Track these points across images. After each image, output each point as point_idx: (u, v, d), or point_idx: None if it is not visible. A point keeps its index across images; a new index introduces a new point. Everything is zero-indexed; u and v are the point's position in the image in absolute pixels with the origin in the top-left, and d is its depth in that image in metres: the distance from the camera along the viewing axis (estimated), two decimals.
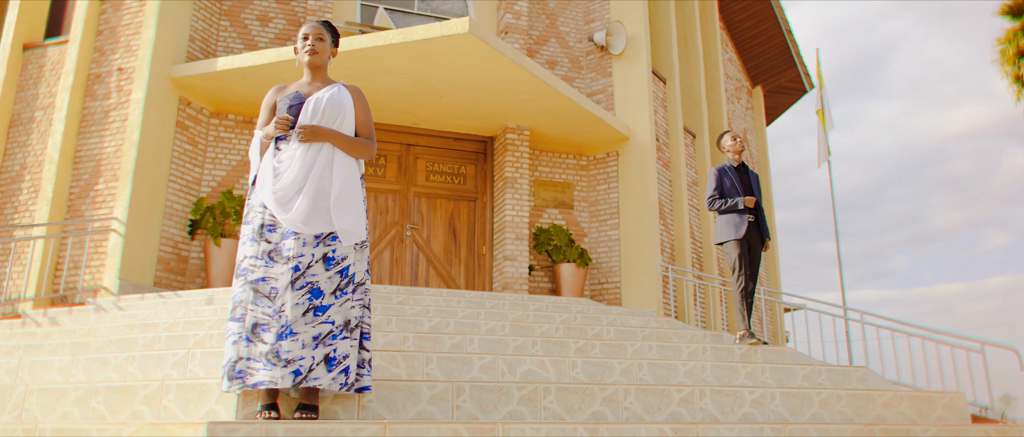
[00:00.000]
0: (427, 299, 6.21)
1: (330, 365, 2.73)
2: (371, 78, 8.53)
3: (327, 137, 2.94)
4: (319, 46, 3.13)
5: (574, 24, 11.09)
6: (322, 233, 2.85)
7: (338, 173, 2.91)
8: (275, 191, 2.88)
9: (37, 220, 8.32)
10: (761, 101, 15.87)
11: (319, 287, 2.81)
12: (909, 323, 8.66)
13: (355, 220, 2.90)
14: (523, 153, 9.79)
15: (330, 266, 2.83)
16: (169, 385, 3.03)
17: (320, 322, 2.75)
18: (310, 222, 2.83)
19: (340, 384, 2.75)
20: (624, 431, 2.71)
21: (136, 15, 8.86)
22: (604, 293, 10.04)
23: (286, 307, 2.77)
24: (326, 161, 2.92)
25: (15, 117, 9.11)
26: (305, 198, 2.84)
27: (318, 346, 2.76)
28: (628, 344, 4.79)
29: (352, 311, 2.83)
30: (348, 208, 2.88)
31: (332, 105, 3.02)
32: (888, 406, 3.74)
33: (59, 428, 2.61)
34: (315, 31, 3.15)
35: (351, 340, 2.81)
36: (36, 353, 4.72)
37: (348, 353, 2.78)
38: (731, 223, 5.93)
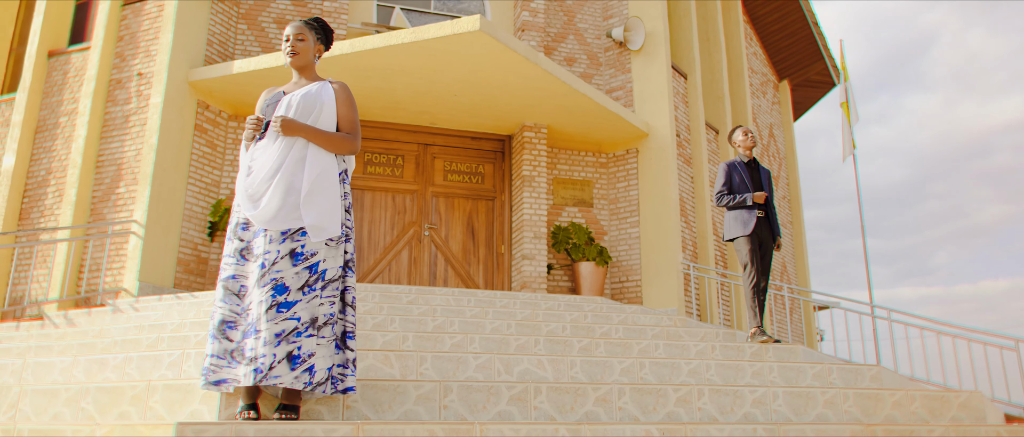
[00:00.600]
0: (437, 299, 6.17)
1: (293, 363, 2.68)
2: (386, 78, 8.53)
3: (300, 131, 2.90)
4: (300, 46, 3.08)
5: (592, 20, 10.99)
6: (290, 229, 2.80)
7: (311, 168, 2.86)
8: (246, 188, 2.86)
9: (61, 223, 8.46)
10: (788, 95, 15.59)
11: (284, 283, 2.76)
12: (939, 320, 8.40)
13: (327, 216, 2.83)
14: (540, 151, 9.72)
15: (298, 262, 2.78)
16: (155, 386, 3.02)
17: (284, 318, 2.70)
18: (279, 218, 2.79)
19: (304, 383, 2.69)
20: (608, 431, 2.63)
21: (155, 20, 8.97)
22: (625, 292, 9.92)
23: (252, 304, 2.75)
24: (298, 157, 2.88)
25: (41, 123, 9.28)
26: (274, 194, 2.80)
27: (280, 343, 2.70)
28: (634, 343, 4.70)
29: (321, 308, 2.78)
30: (320, 204, 2.83)
31: (306, 101, 2.98)
32: (899, 406, 3.60)
33: (37, 429, 2.60)
34: (296, 32, 3.09)
35: (318, 338, 2.74)
36: (45, 354, 4.77)
37: (314, 352, 2.72)
38: (740, 219, 5.79)
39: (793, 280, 14.26)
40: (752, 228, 5.69)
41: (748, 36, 14.25)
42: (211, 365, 2.78)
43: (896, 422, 3.50)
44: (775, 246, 5.89)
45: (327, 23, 3.20)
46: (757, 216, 5.75)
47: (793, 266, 14.41)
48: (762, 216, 5.81)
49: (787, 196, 14.81)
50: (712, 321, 10.05)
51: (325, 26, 3.18)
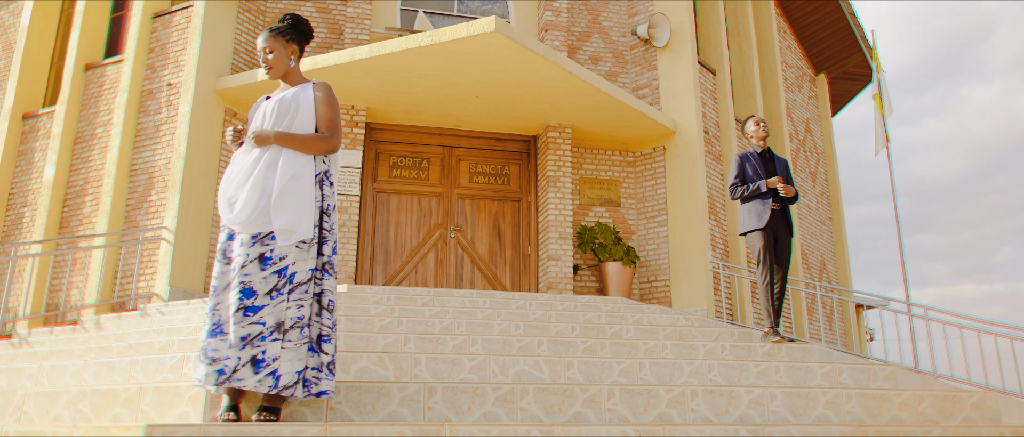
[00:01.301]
0: (453, 301, 6.18)
1: (257, 367, 2.70)
2: (406, 81, 8.59)
3: (272, 139, 2.93)
4: (270, 59, 3.11)
5: (617, 18, 10.90)
6: (260, 232, 2.83)
7: (283, 172, 2.89)
8: (223, 191, 2.91)
9: (97, 231, 8.71)
10: (825, 89, 15.23)
11: (252, 287, 2.78)
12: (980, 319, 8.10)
13: (297, 219, 2.84)
14: (565, 151, 9.67)
15: (266, 266, 2.80)
16: (146, 389, 3.08)
17: (249, 322, 2.73)
18: (251, 222, 2.82)
19: (268, 386, 2.71)
20: (583, 432, 2.59)
21: (183, 31, 9.18)
22: (653, 291, 9.81)
23: (220, 305, 2.79)
24: (269, 161, 2.91)
25: (79, 134, 9.57)
26: (249, 198, 2.84)
27: (245, 347, 2.73)
28: (642, 343, 4.63)
29: (288, 312, 2.79)
30: (290, 207, 2.84)
31: (281, 106, 3.01)
32: (906, 406, 3.47)
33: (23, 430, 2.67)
34: (264, 45, 3.10)
35: (284, 342, 2.75)
36: (65, 357, 4.91)
37: (278, 356, 2.74)
38: (754, 211, 5.62)
39: (834, 278, 13.93)
40: (767, 221, 5.52)
41: (781, 29, 13.96)
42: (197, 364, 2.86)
43: (901, 423, 3.38)
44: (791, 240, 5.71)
45: (298, 17, 3.18)
46: (772, 208, 5.58)
47: (834, 264, 14.07)
48: (777, 209, 5.64)
49: (826, 192, 14.47)
50: (744, 321, 9.87)
51: (295, 24, 3.16)
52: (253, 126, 3.05)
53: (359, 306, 5.51)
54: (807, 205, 13.41)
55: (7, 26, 10.92)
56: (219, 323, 2.78)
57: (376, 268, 9.39)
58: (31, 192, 9.68)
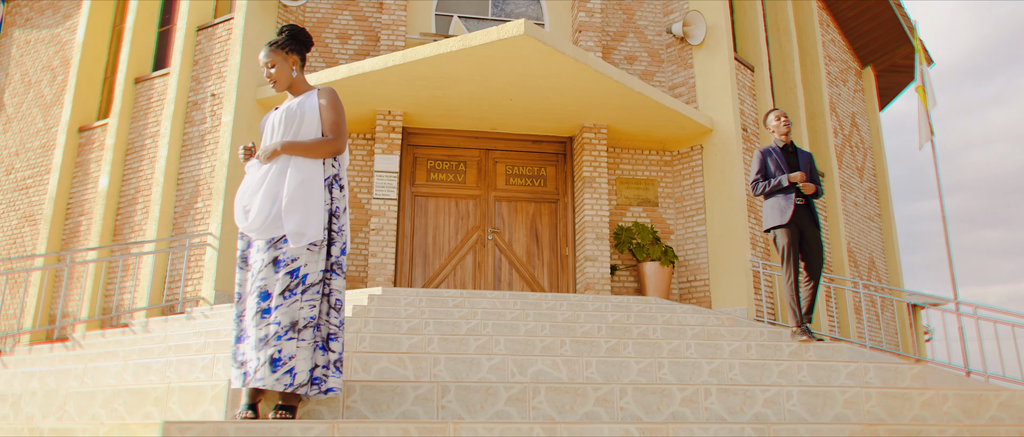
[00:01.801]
0: (484, 302, 6.25)
1: (274, 366, 2.80)
2: (440, 86, 8.70)
3: (278, 151, 3.04)
4: (273, 73, 3.22)
5: (652, 17, 10.84)
6: (274, 237, 2.94)
7: (292, 178, 2.99)
8: (238, 200, 3.03)
9: (147, 238, 9.05)
10: (872, 82, 14.87)
11: (267, 290, 2.90)
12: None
13: (306, 222, 2.94)
14: (600, 152, 9.66)
15: (279, 268, 2.91)
16: (174, 388, 3.22)
17: (266, 324, 2.84)
18: (265, 228, 2.93)
19: (285, 385, 2.81)
20: (586, 431, 2.62)
21: (225, 43, 9.47)
22: (693, 291, 9.73)
23: (244, 311, 2.90)
24: (279, 169, 3.02)
25: (130, 145, 9.95)
26: (259, 206, 2.95)
27: (263, 348, 2.84)
28: (666, 343, 4.63)
29: (301, 312, 2.89)
30: (299, 210, 2.94)
31: (288, 116, 3.13)
32: (929, 405, 3.41)
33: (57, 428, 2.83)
34: (265, 61, 3.22)
35: (298, 341, 2.86)
36: (110, 359, 5.14)
37: (294, 354, 2.83)
38: (777, 207, 5.53)
39: (884, 277, 13.58)
40: (790, 217, 5.42)
41: (824, 23, 13.69)
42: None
43: (924, 422, 3.33)
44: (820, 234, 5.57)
45: (295, 27, 3.28)
46: (796, 203, 5.48)
47: (883, 262, 13.72)
48: (801, 203, 5.54)
49: (874, 188, 14.13)
50: (786, 320, 9.71)
51: (293, 35, 3.26)
52: (263, 138, 3.17)
53: (390, 308, 5.62)
54: (854, 202, 13.12)
55: (64, 42, 11.41)
56: (243, 329, 2.90)
57: (415, 271, 9.52)
58: (87, 201, 10.10)
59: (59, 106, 10.93)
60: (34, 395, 3.68)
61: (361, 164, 9.61)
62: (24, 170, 11.01)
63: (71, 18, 11.45)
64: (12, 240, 10.69)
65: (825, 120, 12.18)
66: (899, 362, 4.46)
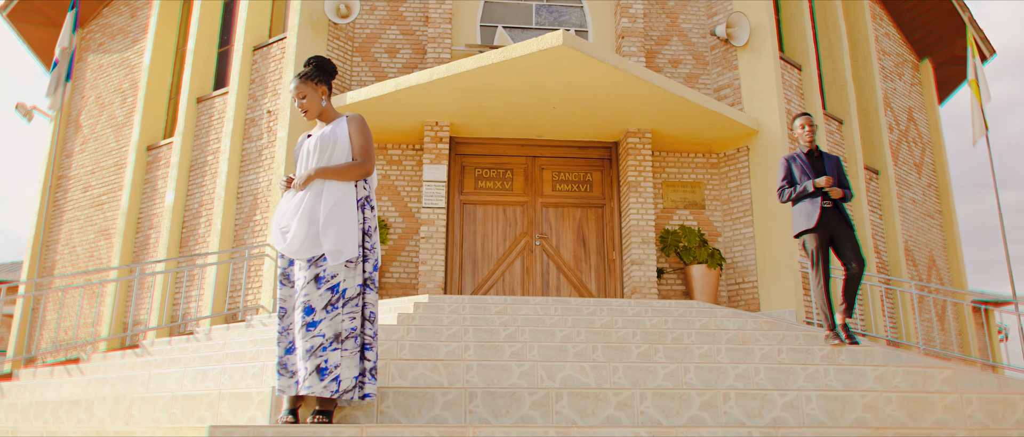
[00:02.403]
0: (526, 308, 6.42)
1: (322, 374, 3.05)
2: (485, 97, 8.92)
3: (312, 177, 3.28)
4: (304, 103, 3.47)
5: (697, 20, 10.85)
6: (314, 256, 3.17)
7: (326, 200, 3.23)
8: (276, 222, 3.28)
9: (210, 250, 9.53)
10: (931, 75, 14.49)
11: (311, 305, 3.14)
12: None
13: (343, 241, 3.17)
14: (645, 156, 9.73)
15: (321, 284, 3.15)
16: (224, 394, 3.50)
17: (312, 336, 3.08)
18: (304, 248, 3.17)
19: (332, 391, 3.05)
20: (598, 432, 2.77)
21: (279, 61, 9.89)
22: (741, 294, 9.71)
23: (290, 325, 3.15)
24: (315, 192, 3.26)
25: (193, 162, 10.48)
26: (297, 228, 3.19)
27: (310, 357, 3.09)
28: (697, 348, 4.72)
29: (343, 324, 3.13)
30: (336, 231, 3.17)
31: (321, 143, 3.37)
32: (951, 409, 3.44)
33: (119, 429, 3.12)
34: (296, 93, 3.47)
35: (342, 351, 3.10)
36: (173, 366, 5.50)
37: (339, 363, 3.08)
38: (803, 212, 5.54)
39: (945, 275, 13.22)
40: (817, 221, 5.40)
41: (877, 17, 13.42)
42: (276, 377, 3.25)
43: (945, 425, 3.37)
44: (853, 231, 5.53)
45: (321, 58, 3.52)
46: (823, 207, 5.47)
47: (944, 260, 13.36)
48: (829, 206, 5.51)
49: (934, 184, 13.77)
50: None
51: (319, 66, 3.50)
52: (298, 163, 3.41)
53: (434, 315, 5.85)
54: (912, 199, 12.83)
55: (133, 65, 12.06)
56: (291, 342, 3.16)
57: (465, 277, 9.76)
58: (155, 216, 10.67)
59: (129, 126, 11.57)
60: (104, 400, 4.02)
61: (410, 174, 9.91)
62: (99, 187, 11.69)
63: (139, 42, 12.10)
64: (90, 253, 11.37)
65: (879, 116, 11.96)
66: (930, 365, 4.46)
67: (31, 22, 13.08)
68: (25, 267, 11.83)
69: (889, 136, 12.66)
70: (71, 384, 5.26)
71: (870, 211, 11.51)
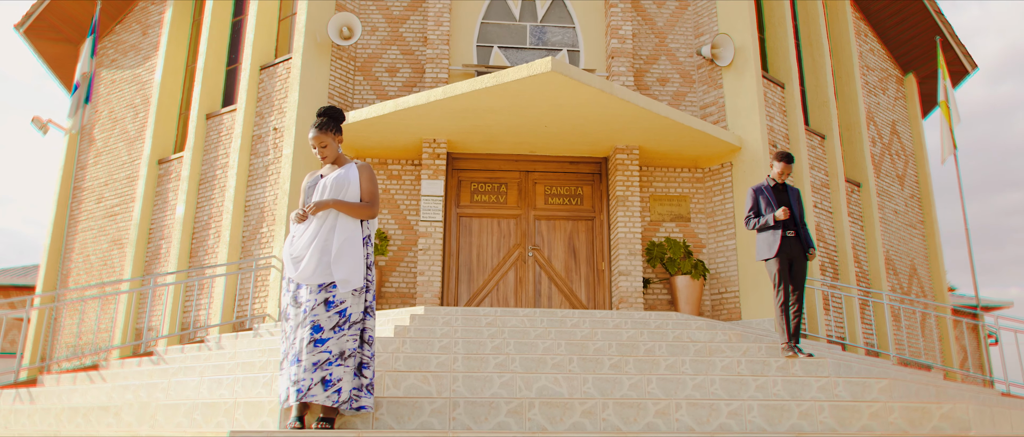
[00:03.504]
0: (513, 320, 6.91)
1: (326, 386, 3.55)
2: (480, 117, 9.41)
3: (327, 205, 3.78)
4: (324, 151, 3.99)
5: (684, 40, 11.34)
6: (324, 282, 3.67)
7: (339, 234, 3.74)
8: (289, 252, 3.77)
9: (219, 261, 10.04)
10: (915, 89, 14.97)
11: (320, 324, 3.65)
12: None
13: (352, 272, 3.69)
14: (633, 172, 10.22)
15: (330, 308, 3.66)
16: (239, 402, 4.00)
17: (319, 352, 3.58)
18: (316, 275, 3.67)
19: (333, 401, 3.56)
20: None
21: (285, 80, 10.40)
22: (724, 303, 10.19)
23: (296, 340, 3.64)
24: (330, 227, 3.77)
25: (202, 176, 11.00)
26: (311, 257, 3.69)
27: (317, 370, 3.59)
28: (664, 360, 5.21)
29: (347, 344, 3.64)
30: (346, 263, 3.69)
31: (337, 182, 3.87)
32: (876, 416, 3.93)
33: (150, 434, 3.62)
34: (317, 143, 4.00)
35: (345, 367, 3.60)
36: (188, 374, 6.01)
37: (342, 377, 3.58)
38: (766, 241, 6.08)
39: (927, 283, 13.69)
40: (777, 249, 5.97)
41: (862, 33, 13.90)
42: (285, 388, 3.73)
43: (870, 431, 3.85)
44: (809, 258, 6.10)
45: (333, 108, 4.05)
46: (784, 236, 6.01)
47: (926, 268, 13.83)
48: (792, 235, 6.05)
49: (916, 194, 14.23)
50: (817, 331, 10.08)
51: (333, 117, 4.03)
52: (311, 196, 3.90)
53: (428, 327, 6.35)
54: (894, 210, 13.30)
55: (144, 82, 12.59)
56: (297, 355, 3.65)
57: (461, 287, 10.26)
58: (166, 227, 11.19)
59: (141, 140, 12.09)
60: (132, 406, 4.52)
61: (409, 188, 10.41)
62: (112, 199, 12.21)
63: (150, 59, 12.62)
64: (103, 262, 11.89)
65: (861, 131, 12.43)
66: (868, 376, 4.94)
67: (47, 38, 13.62)
68: (41, 274, 12.37)
69: (872, 149, 13.13)
70: (96, 390, 5.77)
71: (851, 223, 11.99)
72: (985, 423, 4.07)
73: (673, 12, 11.43)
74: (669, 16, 11.41)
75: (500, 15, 11.28)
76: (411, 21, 11.06)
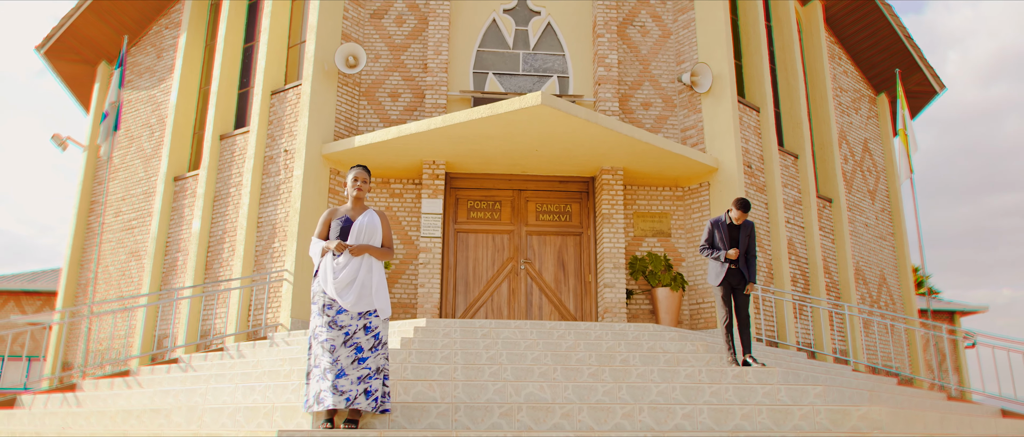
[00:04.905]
0: (506, 332, 7.72)
1: (367, 395, 4.40)
2: (476, 142, 10.23)
3: (364, 250, 4.61)
4: (364, 187, 4.84)
5: (666, 67, 12.17)
6: (364, 310, 4.51)
7: (375, 273, 4.62)
8: (335, 285, 4.58)
9: (234, 274, 10.83)
10: (887, 108, 15.84)
11: (361, 345, 4.48)
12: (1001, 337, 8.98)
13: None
14: (617, 191, 11.04)
15: (368, 332, 4.51)
16: (277, 406, 4.80)
17: (362, 368, 4.43)
18: (359, 304, 4.51)
19: (372, 407, 4.40)
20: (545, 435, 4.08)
21: (294, 105, 11.20)
22: (701, 313, 11.02)
23: (340, 357, 4.46)
24: (367, 266, 4.62)
25: (217, 194, 11.78)
26: (354, 290, 4.53)
27: (360, 383, 4.42)
28: (636, 369, 6.03)
29: (380, 361, 4.49)
30: (382, 296, 4.56)
31: (370, 228, 4.70)
32: (806, 417, 4.76)
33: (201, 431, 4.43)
34: (363, 176, 4.89)
35: (379, 379, 4.44)
36: (220, 381, 6.80)
37: (378, 388, 4.43)
38: (715, 270, 7.00)
39: (895, 292, 14.55)
40: (723, 278, 6.89)
41: (837, 56, 14.77)
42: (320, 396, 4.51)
43: (800, 430, 4.68)
44: (747, 288, 7.00)
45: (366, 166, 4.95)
46: (730, 267, 6.92)
47: (895, 278, 14.69)
48: (734, 268, 6.96)
49: (887, 208, 15.10)
50: (787, 339, 10.92)
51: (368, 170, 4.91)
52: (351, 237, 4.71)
53: (430, 339, 7.15)
54: (864, 223, 14.16)
55: (159, 103, 13.36)
56: (342, 369, 4.46)
57: (458, 298, 11.07)
58: (182, 240, 11.97)
59: (157, 158, 12.87)
60: (179, 409, 5.32)
61: (410, 205, 11.22)
62: (129, 213, 12.98)
63: (165, 81, 13.40)
64: (121, 273, 12.66)
65: (833, 150, 13.29)
66: (806, 382, 5.77)
67: (66, 59, 14.38)
68: (62, 284, 13.12)
69: (844, 166, 14.00)
70: (140, 395, 6.56)
71: (822, 236, 12.85)
72: (898, 423, 4.90)
73: (656, 40, 12.27)
74: (652, 44, 12.24)
75: (495, 43, 12.10)
76: (412, 49, 11.87)
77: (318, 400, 4.49)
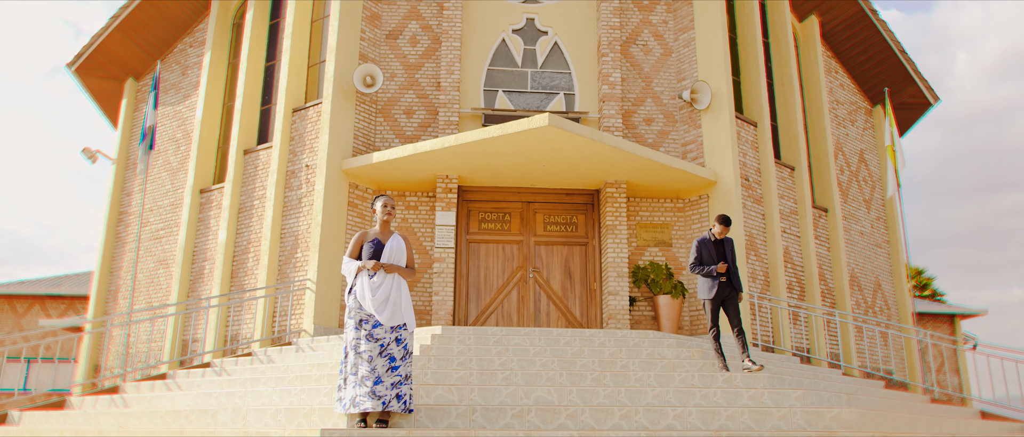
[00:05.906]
0: (516, 339, 8.34)
1: (399, 399, 5.05)
2: (487, 159, 10.85)
3: (395, 270, 5.25)
4: (393, 213, 5.48)
5: (668, 84, 12.77)
6: (396, 324, 5.15)
7: (404, 291, 5.26)
8: (373, 302, 5.22)
9: (259, 283, 11.48)
10: (883, 120, 16.36)
11: (394, 355, 5.12)
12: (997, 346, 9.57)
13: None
14: (620, 204, 11.65)
15: (399, 344, 5.15)
16: (314, 407, 5.44)
17: (395, 375, 5.07)
18: (391, 319, 5.15)
19: (401, 409, 5.03)
20: (552, 433, 4.70)
21: (315, 123, 11.85)
22: (700, 320, 11.61)
23: (377, 366, 5.09)
24: (398, 284, 5.27)
25: (241, 206, 12.44)
26: (390, 306, 5.18)
27: (393, 388, 5.06)
28: (634, 374, 6.64)
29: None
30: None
31: (398, 251, 5.35)
32: (784, 418, 5.36)
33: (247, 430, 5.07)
34: (391, 204, 5.53)
35: (408, 385, 5.08)
36: (255, 385, 7.44)
37: (408, 393, 5.06)
38: (706, 285, 7.60)
39: (890, 298, 15.09)
40: (714, 293, 7.50)
41: (833, 70, 15.33)
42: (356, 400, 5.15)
43: (778, 430, 5.28)
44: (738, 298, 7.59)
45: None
46: (720, 282, 7.52)
47: (890, 284, 15.23)
48: (724, 281, 7.56)
49: (882, 217, 15.64)
50: (783, 344, 11.50)
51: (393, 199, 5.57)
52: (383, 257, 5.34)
53: (446, 346, 7.78)
54: (860, 231, 14.71)
55: (185, 118, 14.05)
56: (379, 377, 5.10)
57: (470, 305, 11.70)
58: (209, 250, 12.64)
59: (183, 172, 13.55)
60: (224, 410, 5.97)
61: (425, 217, 11.85)
62: (157, 223, 13.67)
63: (190, 97, 14.08)
64: (150, 280, 13.34)
65: (829, 161, 13.86)
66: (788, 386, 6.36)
67: (94, 75, 15.09)
68: (94, 290, 13.81)
69: (839, 177, 14.56)
70: (182, 397, 7.21)
71: (817, 245, 13.42)
72: (867, 424, 5.50)
73: (658, 59, 12.87)
74: (655, 62, 12.84)
75: (504, 62, 12.72)
76: (425, 68, 12.50)
77: (354, 404, 5.12)
